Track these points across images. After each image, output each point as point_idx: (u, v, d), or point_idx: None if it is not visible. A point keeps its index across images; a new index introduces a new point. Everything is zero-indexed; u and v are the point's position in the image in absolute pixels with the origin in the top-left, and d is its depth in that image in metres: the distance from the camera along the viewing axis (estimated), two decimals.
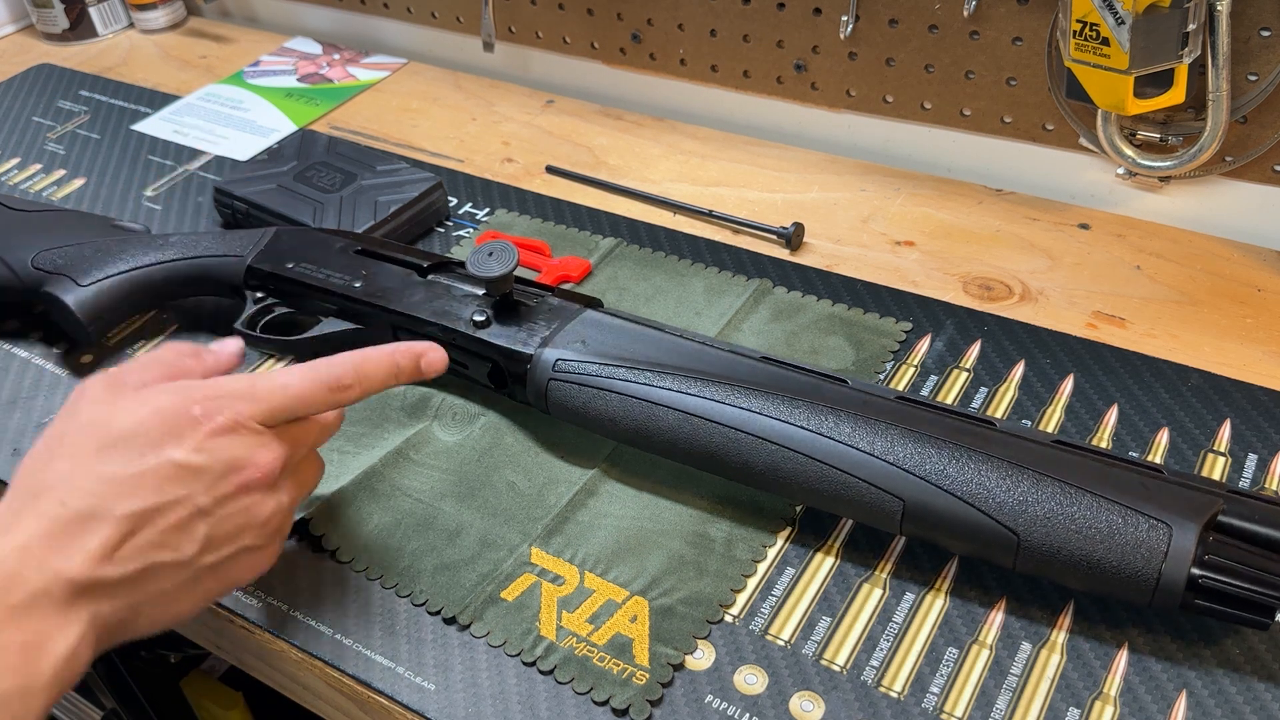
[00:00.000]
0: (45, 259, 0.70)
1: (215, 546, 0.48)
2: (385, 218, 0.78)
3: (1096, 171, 0.80)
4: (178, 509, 0.47)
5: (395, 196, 0.79)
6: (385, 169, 0.82)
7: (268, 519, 0.50)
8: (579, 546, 0.56)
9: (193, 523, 0.47)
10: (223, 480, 0.48)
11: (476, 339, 0.62)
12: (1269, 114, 0.71)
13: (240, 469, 0.48)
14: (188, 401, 0.48)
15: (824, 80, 0.87)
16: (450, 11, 1.05)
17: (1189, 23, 0.66)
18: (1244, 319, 0.68)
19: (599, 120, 0.95)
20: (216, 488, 0.48)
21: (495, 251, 0.61)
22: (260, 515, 0.49)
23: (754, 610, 0.53)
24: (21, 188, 0.91)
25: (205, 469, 0.47)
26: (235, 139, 0.96)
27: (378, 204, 0.79)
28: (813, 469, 0.53)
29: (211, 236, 0.73)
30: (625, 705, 0.49)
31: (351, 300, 0.66)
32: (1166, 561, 0.47)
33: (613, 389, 0.57)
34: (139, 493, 0.46)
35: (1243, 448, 0.59)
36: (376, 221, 0.77)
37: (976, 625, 0.52)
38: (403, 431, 0.63)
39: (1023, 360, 0.66)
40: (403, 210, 0.79)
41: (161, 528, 0.46)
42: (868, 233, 0.79)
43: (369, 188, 0.80)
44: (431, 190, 0.81)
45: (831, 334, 0.69)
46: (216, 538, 0.48)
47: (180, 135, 0.97)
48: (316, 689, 0.55)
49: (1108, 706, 0.48)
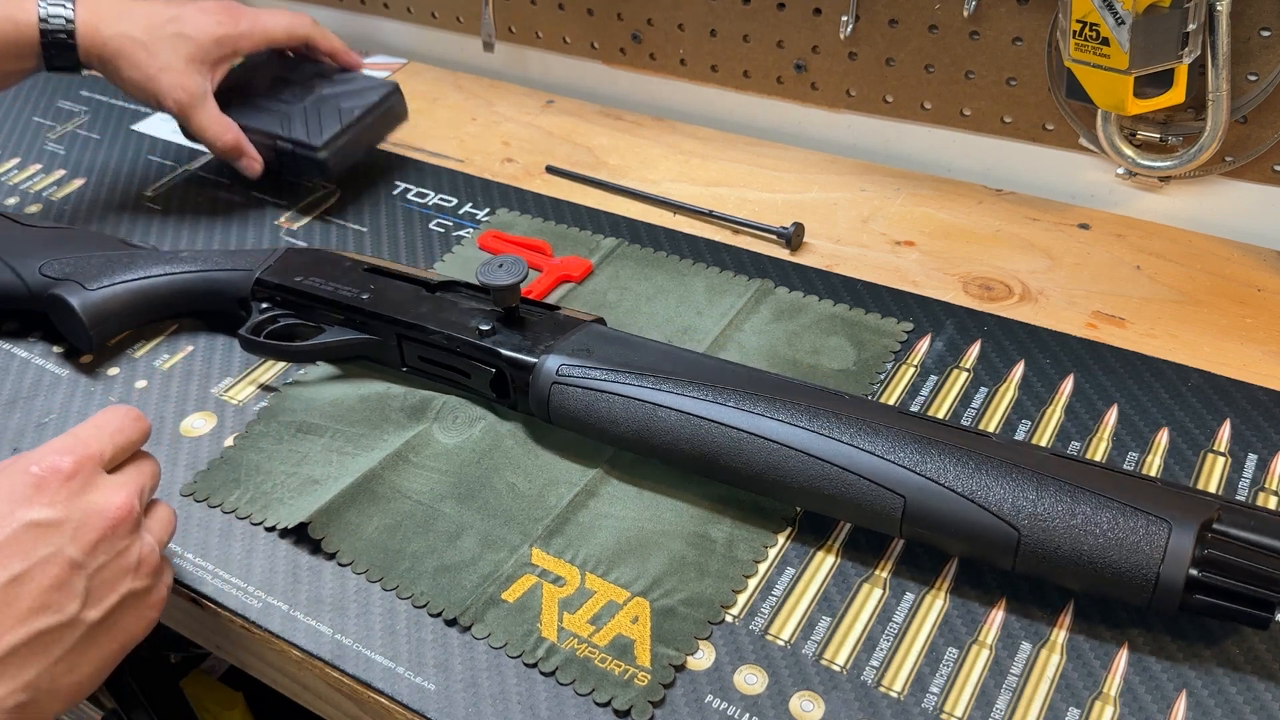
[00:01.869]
0: (54, 267, 0.71)
1: (98, 598, 0.48)
2: (350, 122, 0.82)
3: (1096, 171, 0.80)
4: (49, 567, 0.46)
5: (357, 102, 0.83)
6: (343, 78, 0.86)
7: (142, 559, 0.50)
8: (580, 547, 0.56)
9: (68, 577, 0.47)
10: (85, 528, 0.48)
11: (482, 346, 0.62)
12: (1269, 114, 0.71)
13: (99, 512, 0.48)
14: (24, 465, 0.48)
15: (824, 80, 0.87)
16: (450, 11, 1.05)
17: (1189, 23, 0.66)
18: (1244, 319, 0.68)
19: (599, 120, 0.95)
20: (81, 536, 0.47)
21: (505, 264, 0.62)
22: (133, 557, 0.49)
23: (754, 610, 0.53)
24: (21, 188, 0.91)
25: (65, 520, 0.47)
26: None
27: (341, 110, 0.83)
28: (814, 468, 0.53)
29: (220, 253, 0.74)
30: (627, 707, 0.49)
31: (359, 311, 0.67)
32: (1166, 559, 0.47)
33: (615, 392, 0.57)
34: (5, 561, 0.45)
35: (1243, 448, 0.59)
36: (342, 126, 0.81)
37: (976, 625, 0.52)
38: (402, 434, 0.63)
39: (1023, 360, 0.66)
40: (365, 114, 0.83)
41: (37, 590, 0.46)
42: (868, 233, 0.79)
43: (330, 96, 0.84)
44: (390, 95, 0.85)
45: (833, 334, 0.69)
46: (96, 589, 0.48)
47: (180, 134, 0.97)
48: (316, 689, 0.55)
49: (1108, 706, 0.48)
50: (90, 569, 0.47)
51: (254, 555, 0.58)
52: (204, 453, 0.64)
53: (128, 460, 0.53)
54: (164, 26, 0.78)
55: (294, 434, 0.64)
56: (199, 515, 0.60)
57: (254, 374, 0.70)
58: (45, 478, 0.48)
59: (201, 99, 0.79)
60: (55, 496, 0.48)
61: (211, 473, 0.63)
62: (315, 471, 0.62)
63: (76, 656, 0.47)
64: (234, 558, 0.58)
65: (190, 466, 0.63)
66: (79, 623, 0.47)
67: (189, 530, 0.60)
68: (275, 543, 0.58)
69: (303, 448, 0.63)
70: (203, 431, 0.66)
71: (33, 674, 0.45)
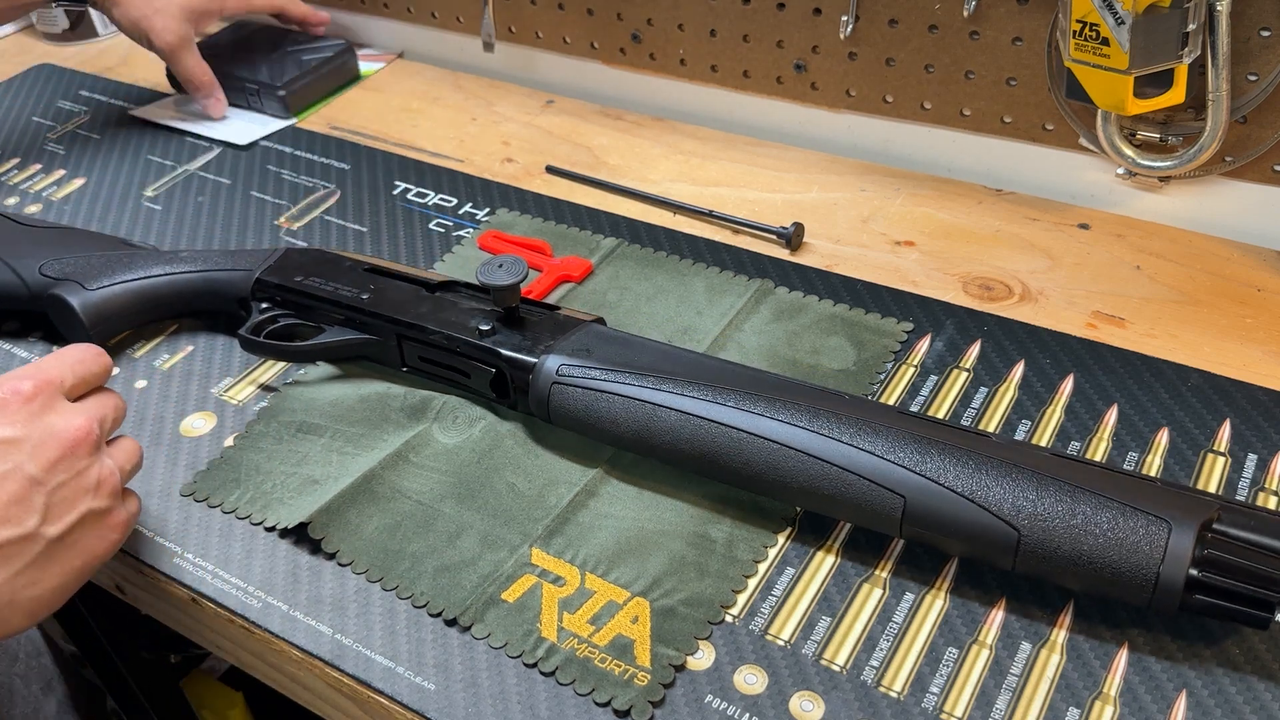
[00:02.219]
0: (54, 267, 0.71)
1: (57, 514, 0.49)
2: (307, 69, 0.99)
3: (1096, 171, 0.80)
4: (9, 481, 0.48)
5: (313, 55, 1.01)
6: (305, 38, 1.04)
7: (102, 480, 0.52)
8: (580, 547, 0.56)
9: (27, 492, 0.48)
10: (44, 446, 0.50)
11: (482, 346, 0.62)
12: (1269, 114, 0.71)
13: (58, 433, 0.50)
14: None
15: (824, 80, 0.87)
16: (450, 11, 1.05)
17: (1189, 23, 0.66)
18: (1244, 319, 0.68)
19: (599, 120, 0.95)
20: (41, 454, 0.49)
21: (505, 264, 0.62)
22: (92, 477, 0.51)
23: (754, 610, 0.53)
24: (21, 188, 0.91)
25: (24, 439, 0.49)
26: (234, 125, 0.97)
27: (301, 61, 1.00)
28: (814, 468, 0.53)
29: (220, 253, 0.74)
30: (627, 707, 0.49)
31: (359, 310, 0.67)
32: (1166, 559, 0.47)
33: (615, 391, 0.57)
34: None
35: (1243, 448, 0.59)
36: (300, 72, 0.99)
37: (976, 625, 0.52)
38: (402, 434, 0.63)
39: (1022, 360, 0.66)
40: (320, 65, 1.00)
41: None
42: (868, 233, 0.79)
43: (292, 51, 1.02)
44: (343, 52, 1.03)
45: (833, 334, 0.69)
46: (55, 505, 0.49)
47: (180, 120, 0.98)
48: (316, 689, 0.55)
49: (1108, 706, 0.48)
50: (49, 485, 0.49)
51: (254, 555, 0.58)
52: (204, 453, 0.64)
53: (90, 393, 0.55)
54: None
55: (294, 434, 0.64)
56: (199, 515, 0.60)
57: (254, 374, 0.70)
58: (6, 399, 0.50)
59: (187, 43, 0.94)
60: (15, 416, 0.50)
61: (211, 473, 0.63)
62: (315, 471, 0.62)
63: (37, 571, 0.49)
64: (234, 558, 0.58)
65: (190, 466, 0.63)
66: (38, 537, 0.48)
67: (189, 530, 0.60)
68: (275, 543, 0.58)
69: (303, 448, 0.63)
70: (203, 431, 0.66)
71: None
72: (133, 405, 0.68)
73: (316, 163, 0.91)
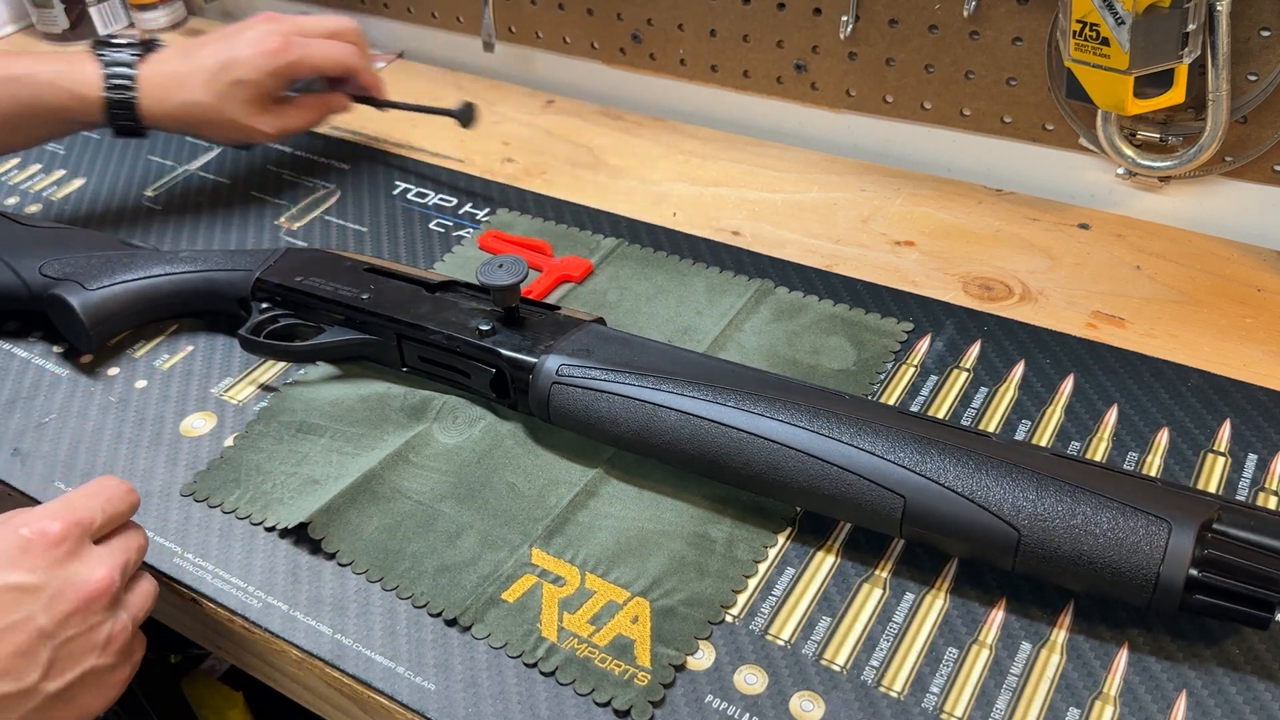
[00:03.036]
0: (54, 267, 0.71)
1: (60, 671, 0.47)
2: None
3: (1096, 171, 0.80)
4: (17, 633, 0.46)
5: None
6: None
7: (111, 638, 0.50)
8: (580, 547, 0.56)
9: (34, 646, 0.47)
10: (61, 598, 0.48)
11: (482, 347, 0.62)
12: (1269, 114, 0.71)
13: (78, 585, 0.48)
14: (15, 525, 0.49)
15: (824, 80, 0.87)
16: (450, 11, 1.05)
17: (1189, 23, 0.66)
18: (1244, 319, 0.68)
19: (599, 120, 0.95)
20: (55, 606, 0.47)
21: (505, 264, 0.62)
22: (103, 634, 0.49)
23: (754, 610, 0.53)
24: (21, 188, 0.91)
25: (43, 587, 0.47)
26: None
27: None
28: (814, 468, 0.53)
29: (220, 253, 0.74)
30: (627, 707, 0.49)
31: (359, 311, 0.67)
32: (1166, 559, 0.47)
33: (615, 391, 0.57)
34: None
35: (1243, 448, 0.59)
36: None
37: (976, 625, 0.52)
38: (403, 434, 0.63)
39: (1022, 360, 0.66)
40: None
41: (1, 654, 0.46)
42: (868, 233, 0.79)
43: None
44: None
45: (833, 334, 0.69)
46: (60, 661, 0.47)
47: None
48: (316, 689, 0.55)
49: (1108, 706, 0.48)
50: (58, 640, 0.48)
51: (254, 555, 0.58)
52: (204, 453, 0.64)
53: (116, 530, 0.53)
54: (220, 77, 0.79)
55: (294, 434, 0.64)
56: (199, 515, 0.60)
57: (254, 374, 0.70)
58: (33, 540, 0.48)
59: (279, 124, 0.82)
60: (38, 561, 0.48)
61: (211, 473, 0.63)
62: (315, 471, 0.62)
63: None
64: (234, 558, 0.58)
65: (190, 466, 0.63)
66: (36, 692, 0.47)
67: (189, 530, 0.60)
68: (275, 543, 0.58)
69: (303, 448, 0.63)
70: (203, 431, 0.66)
71: None
72: (133, 405, 0.68)
73: (316, 163, 0.91)
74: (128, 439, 0.65)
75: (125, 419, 0.67)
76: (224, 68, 0.79)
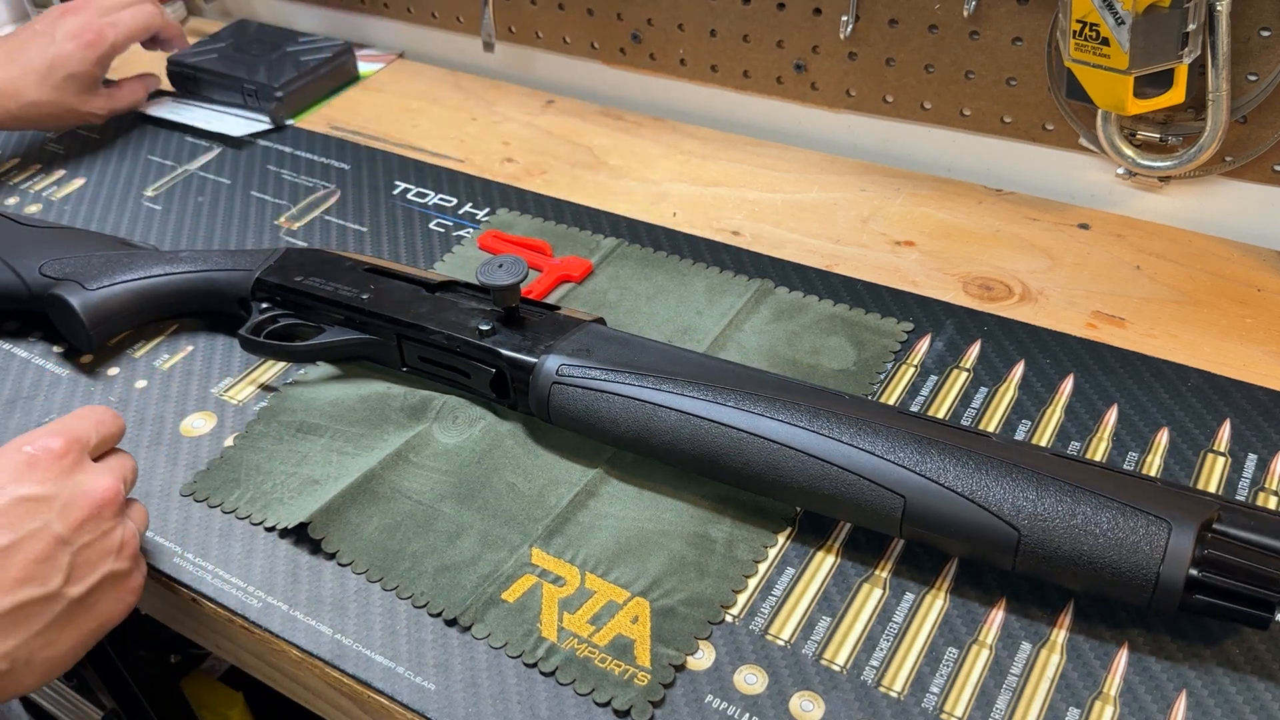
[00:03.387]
0: (53, 267, 0.71)
1: (80, 575, 0.49)
2: (304, 70, 0.99)
3: (1096, 171, 0.80)
4: (36, 540, 0.48)
5: (313, 56, 1.01)
6: (305, 39, 1.04)
7: (124, 542, 0.52)
8: (580, 547, 0.56)
9: (54, 552, 0.48)
10: (73, 506, 0.50)
11: (482, 346, 0.62)
12: (1269, 114, 0.71)
13: (87, 493, 0.51)
14: (17, 445, 0.51)
15: (824, 80, 0.87)
16: (450, 11, 1.05)
17: (1189, 23, 0.66)
18: (1244, 319, 0.68)
19: (599, 120, 0.95)
20: (69, 514, 0.49)
21: (505, 264, 0.62)
22: (116, 539, 0.51)
23: (754, 610, 0.53)
24: (21, 188, 0.91)
25: (54, 497, 0.49)
26: (234, 120, 0.98)
27: (300, 61, 1.00)
28: (814, 468, 0.53)
29: (220, 253, 0.74)
30: (627, 707, 0.49)
31: (359, 311, 0.67)
32: (1165, 559, 0.47)
33: (615, 391, 0.57)
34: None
35: (1243, 448, 0.59)
36: (299, 73, 0.98)
37: (976, 625, 0.52)
38: (402, 434, 0.63)
39: (1022, 360, 0.66)
40: (319, 66, 1.00)
41: (23, 561, 0.47)
42: (868, 233, 0.79)
43: (291, 52, 1.02)
44: (342, 52, 1.02)
45: (833, 334, 0.69)
46: (79, 565, 0.49)
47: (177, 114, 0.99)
48: (316, 689, 0.55)
49: (1108, 706, 0.48)
50: (75, 546, 0.49)
51: (254, 555, 0.58)
52: (204, 453, 0.64)
53: (108, 453, 0.55)
54: (51, 75, 0.87)
55: (294, 434, 0.64)
56: (199, 515, 0.60)
57: (254, 374, 0.70)
58: (38, 456, 0.50)
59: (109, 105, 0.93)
60: (46, 474, 0.50)
61: (211, 473, 0.63)
62: (315, 471, 0.62)
63: (55, 631, 0.48)
64: (234, 558, 0.58)
65: (190, 466, 0.63)
66: (61, 597, 0.48)
67: (189, 530, 0.60)
68: (275, 543, 0.58)
69: (303, 448, 0.63)
70: (203, 431, 0.66)
71: (13, 644, 0.47)
72: (133, 405, 0.68)
73: (316, 163, 0.91)
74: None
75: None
76: (52, 66, 0.87)
